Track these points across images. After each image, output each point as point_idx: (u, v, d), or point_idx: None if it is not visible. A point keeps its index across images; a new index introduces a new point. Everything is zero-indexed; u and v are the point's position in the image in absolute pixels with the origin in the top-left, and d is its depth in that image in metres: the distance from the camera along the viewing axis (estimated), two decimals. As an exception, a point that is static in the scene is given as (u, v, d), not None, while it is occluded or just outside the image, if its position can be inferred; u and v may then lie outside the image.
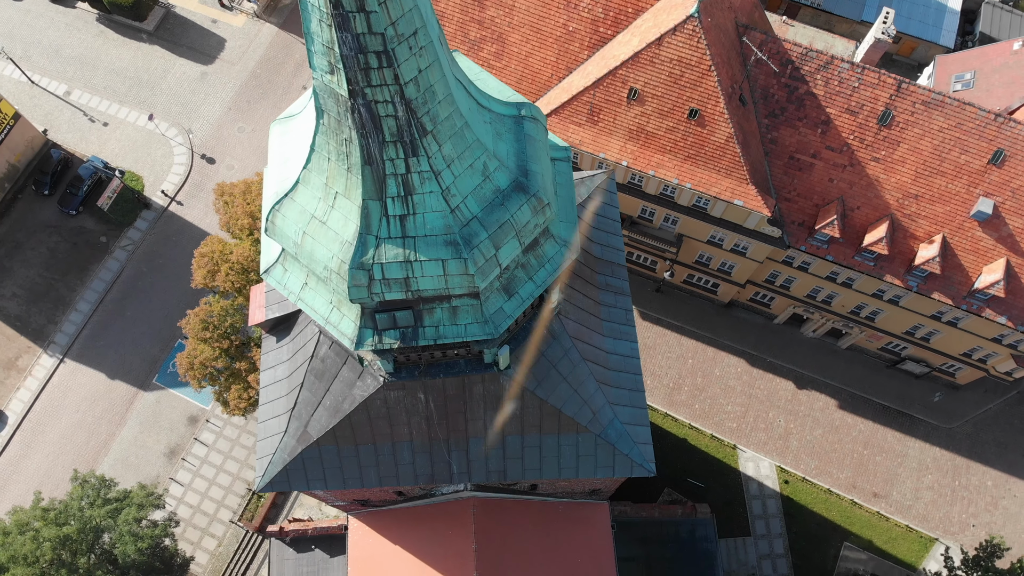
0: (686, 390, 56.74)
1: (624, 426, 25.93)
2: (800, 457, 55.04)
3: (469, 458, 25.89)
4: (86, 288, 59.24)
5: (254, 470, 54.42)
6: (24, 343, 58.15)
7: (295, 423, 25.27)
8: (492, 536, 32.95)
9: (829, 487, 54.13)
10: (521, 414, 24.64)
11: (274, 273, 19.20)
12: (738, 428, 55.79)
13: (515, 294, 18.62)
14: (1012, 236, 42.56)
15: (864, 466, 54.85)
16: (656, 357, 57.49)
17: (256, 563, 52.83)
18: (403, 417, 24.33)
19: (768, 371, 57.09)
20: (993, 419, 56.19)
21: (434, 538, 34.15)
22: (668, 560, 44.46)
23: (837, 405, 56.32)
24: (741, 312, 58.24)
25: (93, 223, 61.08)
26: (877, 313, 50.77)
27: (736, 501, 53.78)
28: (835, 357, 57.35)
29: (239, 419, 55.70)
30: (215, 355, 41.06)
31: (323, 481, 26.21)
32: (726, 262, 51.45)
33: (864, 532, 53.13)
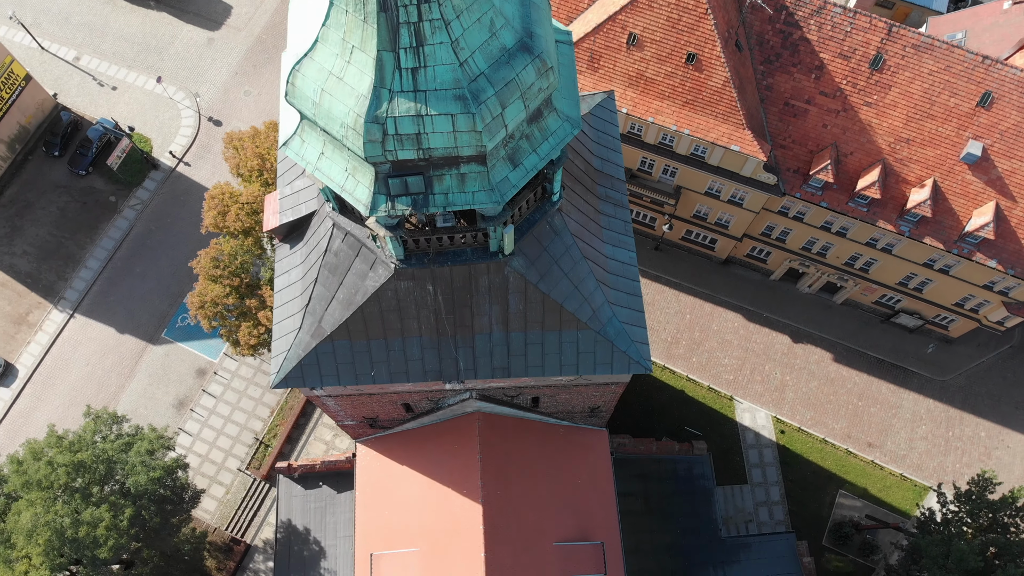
0: (684, 344, 57.88)
1: (623, 325, 27.07)
2: (796, 408, 56.18)
3: (475, 354, 27.03)
4: (95, 246, 60.37)
5: (262, 420, 55.73)
6: (35, 299, 59.29)
7: (309, 319, 26.40)
8: (496, 450, 34.08)
9: (824, 437, 55.26)
10: (524, 309, 25.78)
11: (292, 145, 20.31)
12: (735, 380, 56.93)
13: (520, 164, 19.74)
14: (1001, 179, 43.69)
15: (859, 417, 55.98)
16: (654, 313, 58.61)
17: (264, 510, 53.93)
18: (412, 310, 25.46)
19: (764, 326, 58.23)
20: (986, 372, 57.31)
21: (440, 455, 35.27)
22: (666, 496, 45.60)
23: (832, 358, 57.46)
24: (738, 269, 59.38)
25: (102, 183, 62.22)
26: (871, 264, 51.89)
27: (733, 450, 54.91)
28: (830, 312, 58.49)
29: (247, 371, 56.85)
30: (225, 293, 42.19)
31: (336, 377, 27.34)
32: (723, 215, 52.57)
33: (859, 480, 54.25)
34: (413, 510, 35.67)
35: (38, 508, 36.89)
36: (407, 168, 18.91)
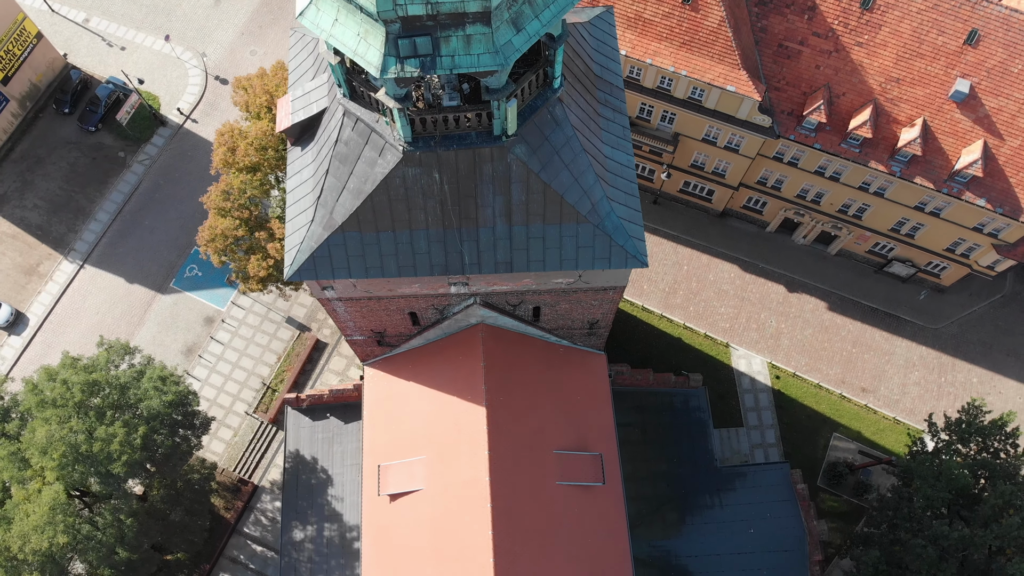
0: (681, 294, 59.12)
1: (620, 220, 28.30)
2: (791, 355, 57.41)
3: (479, 248, 28.25)
4: (105, 199, 61.63)
5: (268, 366, 56.96)
6: (45, 250, 60.54)
7: (321, 211, 27.62)
8: (499, 360, 35.27)
9: (819, 382, 56.49)
10: (526, 200, 27.01)
11: (308, 14, 21.52)
12: (731, 328, 58.17)
13: (522, 29, 20.95)
14: (988, 117, 44.91)
15: (853, 363, 57.22)
16: (653, 264, 59.88)
17: (271, 452, 55.16)
18: (419, 200, 26.69)
19: (760, 276, 59.47)
20: (978, 320, 58.54)
21: (445, 368, 36.48)
22: (663, 427, 46.84)
23: (827, 307, 58.70)
24: (735, 221, 60.62)
25: (111, 139, 63.48)
26: (864, 210, 53.11)
27: (729, 394, 56.14)
28: (825, 262, 59.73)
29: (254, 319, 58.09)
30: (235, 225, 43.39)
31: (347, 270, 28.55)
32: (720, 162, 53.79)
33: (853, 424, 55.46)
34: (419, 422, 36.89)
35: (53, 425, 38.08)
36: (416, 28, 20.14)
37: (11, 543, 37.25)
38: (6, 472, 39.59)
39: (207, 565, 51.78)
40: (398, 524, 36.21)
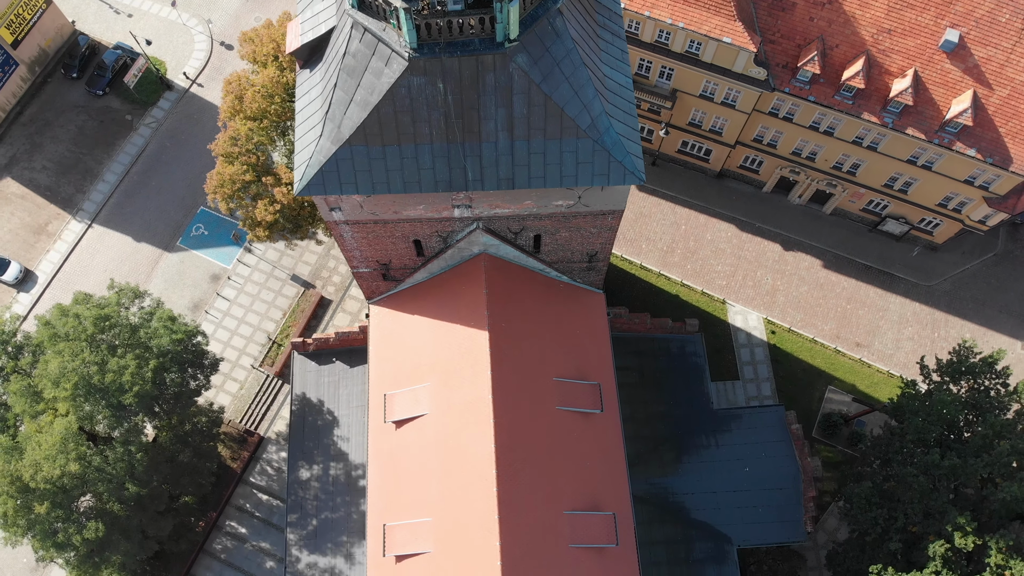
0: (679, 252, 60.18)
1: (619, 136, 29.37)
2: (786, 311, 58.46)
3: (482, 164, 29.28)
4: (112, 161, 62.70)
5: (274, 322, 58.01)
6: (54, 210, 61.62)
7: (329, 125, 28.67)
8: (501, 289, 36.29)
9: (814, 337, 57.54)
10: (528, 114, 28.07)
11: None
12: (727, 285, 59.22)
13: (524, -72, 22.09)
14: (978, 66, 45.97)
15: (847, 319, 58.27)
16: (651, 224, 60.96)
17: (276, 404, 56.19)
18: (424, 112, 27.75)
19: (757, 235, 60.52)
20: (971, 278, 59.59)
21: (448, 298, 37.51)
22: (660, 371, 47.89)
23: (822, 265, 59.76)
24: (731, 182, 61.68)
25: (119, 103, 64.56)
26: (858, 166, 54.15)
27: (725, 349, 57.20)
28: (820, 222, 60.80)
29: (259, 276, 59.14)
30: (243, 170, 44.43)
31: (354, 185, 29.58)
32: (717, 119, 54.83)
33: (847, 377, 56.51)
34: (424, 351, 37.93)
35: (66, 357, 39.11)
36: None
37: (23, 471, 38.20)
38: (18, 406, 40.62)
39: (214, 513, 52.81)
40: (404, 449, 37.25)
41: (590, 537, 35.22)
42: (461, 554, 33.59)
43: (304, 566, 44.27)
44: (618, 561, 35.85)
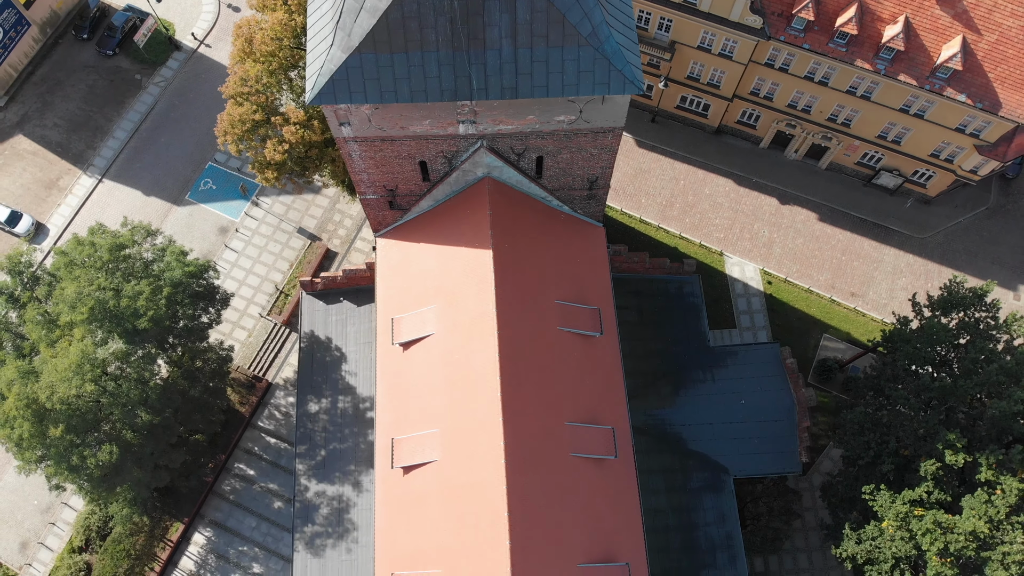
0: (678, 206, 61.45)
1: (619, 46, 30.63)
2: (782, 262, 59.72)
3: (486, 72, 30.53)
4: (122, 119, 64.00)
5: (281, 273, 59.30)
6: (65, 166, 62.91)
7: (340, 34, 29.92)
8: (504, 213, 37.50)
9: (809, 287, 58.80)
10: (531, 20, 29.33)
11: None
12: (725, 238, 60.48)
13: None
14: (966, 12, 47.19)
15: (842, 270, 59.53)
16: (651, 179, 62.23)
17: (284, 352, 57.43)
18: (431, 18, 28.97)
19: (754, 190, 61.78)
20: (963, 231, 60.85)
21: (453, 224, 38.71)
22: (658, 311, 49.15)
23: (817, 218, 61.02)
24: (729, 138, 62.95)
25: (128, 63, 65.87)
26: (852, 117, 55.39)
27: (723, 299, 58.43)
28: (816, 176, 62.06)
29: (267, 229, 60.41)
30: (252, 110, 45.62)
31: (363, 94, 30.82)
32: (715, 72, 56.09)
33: (842, 325, 57.74)
34: (430, 276, 39.16)
35: (82, 282, 40.34)
36: None
37: (39, 393, 39.24)
38: (34, 334, 41.84)
39: (223, 455, 54.04)
40: (411, 368, 38.48)
41: (590, 448, 36.45)
42: (467, 461, 34.82)
43: (313, 494, 45.50)
44: (617, 472, 37.07)
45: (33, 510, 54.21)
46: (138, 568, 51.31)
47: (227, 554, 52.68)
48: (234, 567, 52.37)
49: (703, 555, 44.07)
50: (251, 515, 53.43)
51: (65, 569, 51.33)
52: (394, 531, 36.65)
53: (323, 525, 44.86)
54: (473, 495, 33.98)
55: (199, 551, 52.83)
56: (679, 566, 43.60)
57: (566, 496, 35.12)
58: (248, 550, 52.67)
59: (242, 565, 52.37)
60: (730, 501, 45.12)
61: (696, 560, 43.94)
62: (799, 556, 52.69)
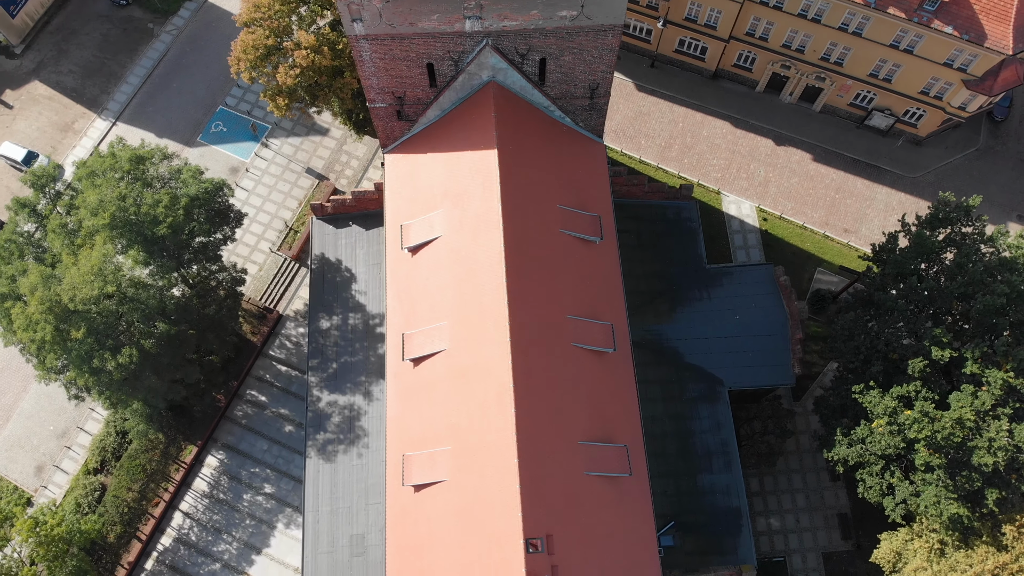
0: (676, 148, 63.19)
1: (617, -61, 32.46)
2: (778, 200, 61.45)
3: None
4: (135, 65, 65.79)
5: (291, 210, 61.07)
6: (79, 110, 64.70)
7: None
8: (509, 119, 39.14)
9: (804, 224, 60.53)
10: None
11: None
12: (722, 177, 62.23)
13: None
14: (955, -57, 49.04)
15: (836, 207, 61.27)
16: (650, 121, 63.98)
17: (294, 286, 59.16)
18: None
19: (750, 132, 63.53)
20: (954, 171, 62.57)
21: (458, 132, 40.42)
22: (657, 235, 50.86)
23: (812, 158, 62.76)
24: (726, 83, 64.68)
25: (141, 12, 67.66)
26: (845, 55, 57.10)
27: (719, 235, 60.15)
28: (810, 119, 63.81)
29: (276, 169, 62.17)
30: (265, 35, 47.40)
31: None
32: (712, 12, 57.79)
33: (835, 259, 59.46)
34: (437, 183, 40.84)
35: (104, 190, 42.08)
36: None
37: (62, 294, 40.89)
38: (56, 242, 43.56)
39: (235, 382, 55.76)
40: (419, 271, 40.22)
41: (590, 339, 38.18)
42: (474, 347, 36.53)
43: (325, 404, 47.22)
44: (616, 364, 38.84)
45: (49, 435, 55.94)
46: (152, 487, 53.04)
47: (239, 475, 54.40)
48: (246, 487, 54.09)
49: (699, 460, 45.75)
50: (263, 439, 55.16)
51: (80, 489, 52.98)
52: (405, 419, 38.39)
53: (335, 432, 46.58)
54: (480, 376, 35.71)
55: (212, 472, 54.56)
56: (676, 470, 45.29)
57: (568, 381, 36.87)
58: (260, 471, 54.39)
59: (254, 486, 54.09)
60: (725, 411, 46.79)
61: (692, 464, 45.62)
62: (793, 477, 54.42)
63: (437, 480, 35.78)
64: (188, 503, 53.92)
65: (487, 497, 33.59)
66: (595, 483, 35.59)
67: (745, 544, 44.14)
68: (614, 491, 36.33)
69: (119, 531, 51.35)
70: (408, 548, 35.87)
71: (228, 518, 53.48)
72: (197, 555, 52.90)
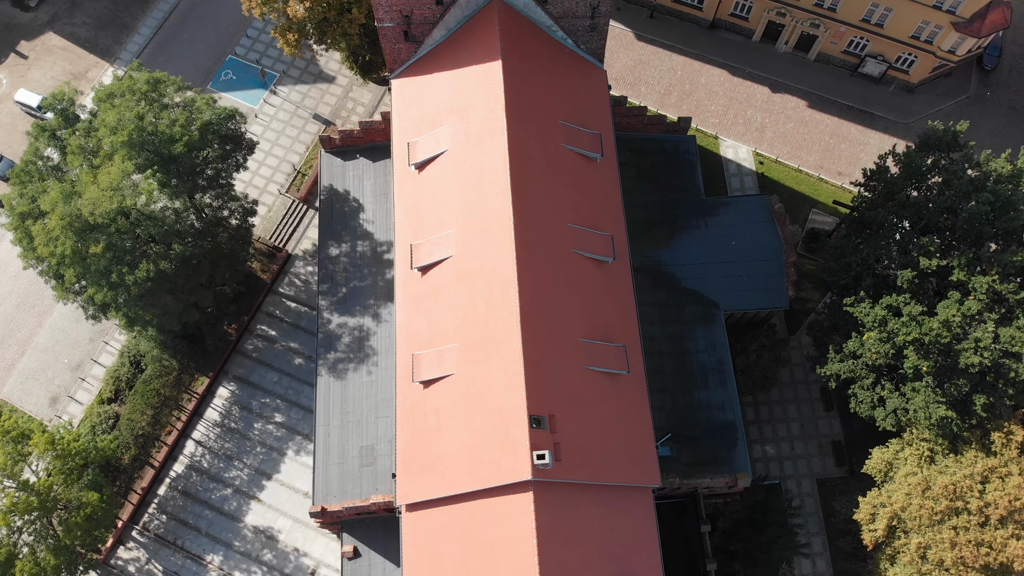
0: (675, 94, 64.80)
1: None
2: (774, 144, 63.07)
3: None
4: (147, 16, 67.43)
5: (299, 154, 62.71)
6: (93, 60, 66.32)
7: None
8: (513, 36, 40.57)
9: (799, 167, 62.14)
10: None
11: None
12: (720, 123, 63.84)
13: None
14: None
15: (830, 151, 62.89)
16: (649, 69, 65.59)
17: (302, 227, 60.76)
18: None
19: (747, 79, 65.13)
20: (945, 117, 63.90)
21: (463, 51, 41.88)
22: (656, 167, 52.45)
23: (807, 105, 64.37)
24: (723, 32, 66.28)
25: (152, -34, 69.32)
26: (838, 1, 58.68)
27: (717, 178, 61.75)
28: (805, 67, 65.42)
29: (284, 115, 63.80)
30: (276, -30, 49.07)
31: None
32: (708, -42, 59.52)
33: (829, 201, 60.96)
34: (443, 99, 42.38)
35: (122, 109, 43.67)
36: None
37: (82, 208, 42.40)
38: (76, 162, 45.13)
39: (246, 317, 57.35)
40: (426, 185, 41.81)
41: (591, 247, 39.79)
42: (480, 249, 38.11)
43: (335, 326, 48.81)
44: (615, 273, 40.45)
45: (63, 368, 57.54)
46: (165, 415, 54.61)
47: (250, 405, 56.02)
48: (257, 417, 55.72)
49: (695, 378, 47.31)
50: (273, 371, 56.78)
51: (95, 418, 54.54)
52: (414, 323, 39.98)
53: (345, 352, 48.16)
54: (486, 276, 37.30)
55: (223, 403, 56.19)
56: (673, 386, 46.86)
57: (569, 284, 38.49)
58: (270, 402, 56.00)
59: (264, 415, 55.71)
60: (721, 332, 48.34)
61: (689, 382, 47.19)
62: (788, 407, 56.04)
63: (445, 374, 37.38)
64: (200, 432, 55.55)
65: (493, 384, 35.20)
66: (595, 376, 37.22)
67: (740, 455, 45.73)
68: (613, 386, 37.95)
69: (133, 453, 52.96)
70: (417, 438, 37.46)
71: (239, 446, 55.11)
72: (209, 481, 54.54)
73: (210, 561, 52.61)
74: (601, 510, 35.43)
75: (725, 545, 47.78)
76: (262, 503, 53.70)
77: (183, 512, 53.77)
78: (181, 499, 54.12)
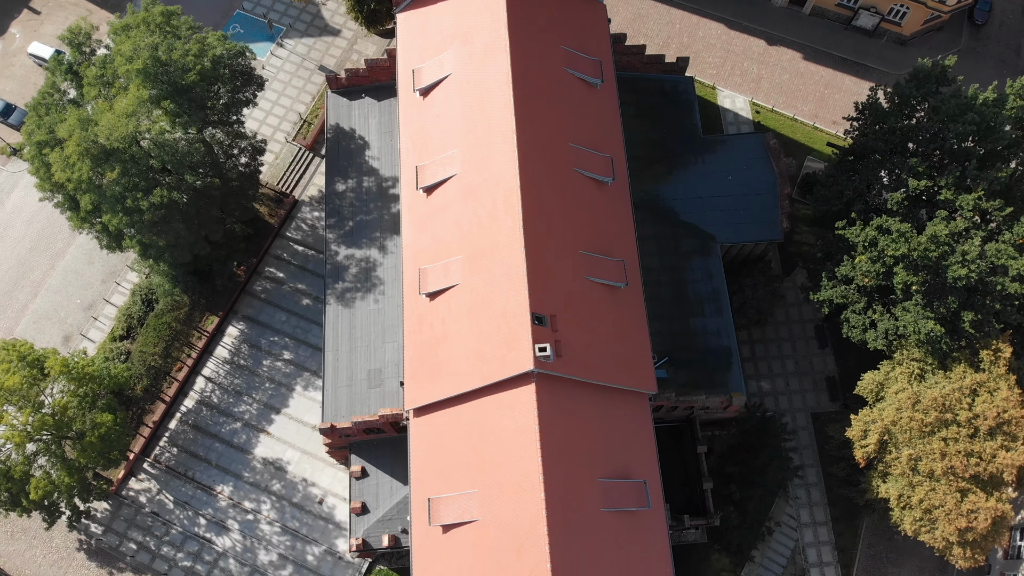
0: (674, 47, 66.20)
1: None
2: (770, 95, 64.52)
3: None
4: (156, -28, 68.78)
5: (305, 104, 64.10)
6: (104, 15, 67.69)
7: None
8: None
9: (795, 116, 63.59)
10: None
11: None
12: (717, 74, 65.28)
13: None
14: None
15: (825, 101, 64.33)
16: (648, 23, 67.05)
17: (308, 174, 62.15)
18: None
19: (743, 32, 66.60)
20: (936, 69, 65.51)
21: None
22: (655, 106, 53.85)
23: (802, 57, 65.81)
24: (720, -12, 67.83)
25: (160, -76, 70.66)
26: (832, -49, 60.27)
27: (715, 127, 63.14)
28: (800, 21, 66.89)
29: (290, 67, 65.18)
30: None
31: None
32: (705, -89, 60.89)
33: (824, 148, 62.41)
34: (445, 28, 43.79)
35: (137, 39, 45.05)
36: None
37: (99, 133, 43.76)
38: (91, 92, 46.50)
39: (255, 259, 58.74)
40: (431, 109, 43.23)
41: (591, 168, 41.16)
42: (484, 166, 39.52)
43: (343, 258, 50.21)
44: (615, 195, 41.83)
45: (76, 308, 58.93)
46: (176, 350, 55.99)
47: (259, 344, 57.44)
48: (266, 354, 57.13)
49: (692, 306, 48.72)
50: (281, 311, 58.19)
51: (107, 353, 55.88)
52: (420, 242, 41.42)
53: (352, 282, 49.56)
54: (489, 188, 38.78)
55: (233, 341, 57.59)
56: (670, 313, 48.26)
57: (570, 199, 39.96)
58: (279, 340, 57.42)
59: (273, 352, 57.13)
60: (717, 264, 49.73)
61: (685, 310, 48.59)
62: (783, 345, 57.49)
63: (450, 285, 38.80)
64: (210, 368, 56.97)
65: (497, 288, 36.63)
66: (594, 286, 38.64)
67: (735, 378, 47.13)
68: (612, 297, 39.38)
69: (145, 384, 54.33)
70: (424, 347, 38.87)
71: (248, 382, 56.54)
72: (219, 415, 55.97)
73: (220, 491, 54.02)
74: (600, 410, 36.87)
75: (721, 468, 49.18)
76: (271, 436, 55.13)
77: (193, 445, 55.20)
78: (191, 432, 55.54)
